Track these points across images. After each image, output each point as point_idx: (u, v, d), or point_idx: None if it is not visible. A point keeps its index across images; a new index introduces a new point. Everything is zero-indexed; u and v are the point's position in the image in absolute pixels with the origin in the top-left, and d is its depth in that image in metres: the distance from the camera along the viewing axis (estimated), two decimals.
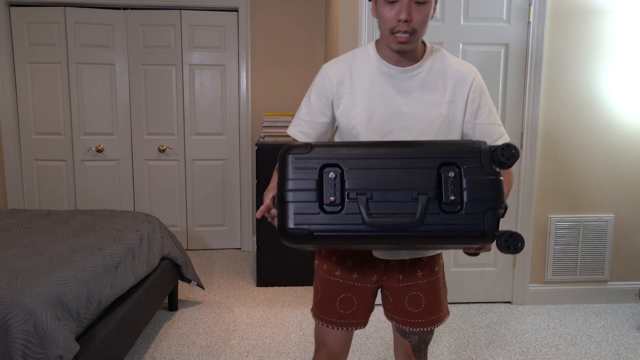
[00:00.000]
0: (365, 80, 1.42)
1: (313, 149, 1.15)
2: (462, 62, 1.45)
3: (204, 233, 4.47)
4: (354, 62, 1.44)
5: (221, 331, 2.88)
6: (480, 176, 1.13)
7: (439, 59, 1.43)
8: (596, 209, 3.25)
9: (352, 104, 1.43)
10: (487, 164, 1.14)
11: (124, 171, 4.31)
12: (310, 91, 1.49)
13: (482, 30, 3.06)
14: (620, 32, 3.11)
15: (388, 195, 1.13)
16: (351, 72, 1.43)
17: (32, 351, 1.68)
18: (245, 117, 4.29)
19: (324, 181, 1.13)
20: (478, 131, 1.45)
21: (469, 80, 1.42)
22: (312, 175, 1.14)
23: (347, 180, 1.13)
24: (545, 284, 3.30)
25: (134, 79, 4.21)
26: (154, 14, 4.15)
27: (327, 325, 1.53)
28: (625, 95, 3.16)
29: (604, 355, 2.64)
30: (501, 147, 1.14)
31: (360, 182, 1.13)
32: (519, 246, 1.12)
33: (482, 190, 1.12)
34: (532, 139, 3.14)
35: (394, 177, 1.13)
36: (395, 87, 1.41)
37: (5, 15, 3.99)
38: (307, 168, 1.14)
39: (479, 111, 1.43)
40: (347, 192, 1.13)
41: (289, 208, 1.13)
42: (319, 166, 1.14)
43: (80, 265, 2.07)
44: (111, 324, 2.10)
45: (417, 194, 1.12)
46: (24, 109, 4.15)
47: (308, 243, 1.14)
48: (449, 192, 1.12)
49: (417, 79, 1.40)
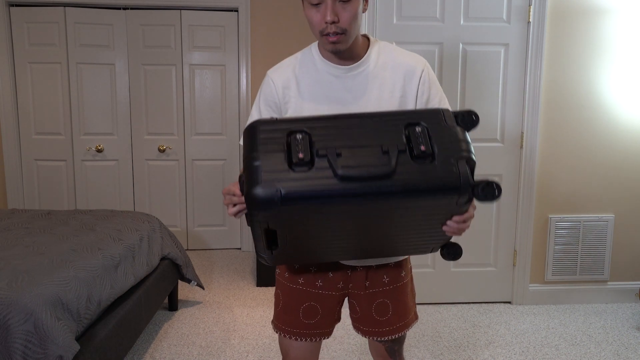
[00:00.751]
0: (311, 82, 1.38)
1: (277, 120, 1.12)
2: (410, 54, 1.42)
3: (204, 233, 4.47)
4: (297, 65, 1.41)
5: (221, 331, 2.88)
6: (446, 130, 1.12)
7: (385, 52, 1.40)
8: (596, 209, 3.25)
9: (299, 108, 1.39)
10: (451, 121, 1.14)
11: (124, 171, 4.31)
12: (259, 98, 1.45)
13: (482, 30, 3.06)
14: (621, 32, 3.11)
15: (358, 152, 1.08)
16: (296, 76, 1.40)
17: (32, 351, 1.68)
18: (245, 117, 4.29)
19: (292, 144, 1.08)
20: None
21: (417, 72, 1.38)
22: (280, 141, 1.09)
23: (315, 142, 1.09)
24: (545, 284, 3.30)
25: (134, 79, 4.21)
26: (154, 14, 4.15)
27: (289, 337, 1.47)
28: (625, 96, 3.16)
29: (604, 355, 2.64)
30: (462, 112, 1.14)
31: (328, 142, 1.09)
32: (495, 194, 1.10)
33: (451, 141, 1.11)
34: (532, 139, 3.14)
35: (362, 135, 1.10)
36: (342, 87, 1.37)
37: (5, 15, 3.99)
38: (274, 137, 1.09)
39: (429, 103, 1.40)
40: (316, 150, 1.08)
41: (257, 171, 1.06)
42: (285, 133, 1.10)
43: (80, 265, 2.07)
44: (111, 324, 2.10)
45: (387, 147, 1.09)
46: (24, 109, 4.15)
47: (277, 210, 1.06)
48: (419, 143, 1.09)
49: (363, 76, 1.37)
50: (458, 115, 1.15)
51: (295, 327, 1.47)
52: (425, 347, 2.70)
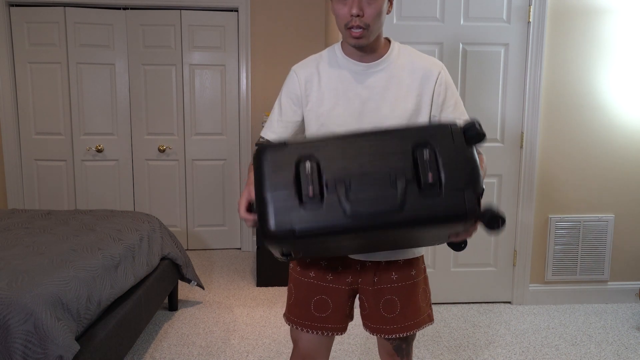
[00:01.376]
0: (332, 77, 1.45)
1: (286, 145, 1.14)
2: (428, 58, 1.47)
3: (204, 233, 4.47)
4: (321, 61, 1.48)
5: (221, 331, 2.88)
6: (455, 154, 1.12)
7: (404, 54, 1.46)
8: (596, 209, 3.25)
9: (320, 101, 1.45)
10: (460, 142, 1.13)
11: (124, 171, 4.31)
12: (281, 93, 1.52)
13: (482, 30, 3.06)
14: (621, 32, 3.11)
15: (366, 182, 1.11)
16: (319, 71, 1.46)
17: (32, 351, 1.68)
18: (245, 117, 4.29)
19: (301, 175, 1.11)
20: None
21: (434, 74, 1.43)
22: (289, 171, 1.12)
23: (324, 171, 1.11)
24: (545, 284, 3.30)
25: (134, 79, 4.21)
26: (154, 14, 4.15)
27: (301, 329, 1.52)
28: (625, 96, 3.16)
29: (604, 355, 2.64)
30: (466, 125, 1.15)
31: (336, 171, 1.11)
32: (499, 226, 1.12)
33: (459, 169, 1.11)
34: (532, 139, 3.14)
35: (369, 163, 1.12)
36: (361, 83, 1.43)
37: (5, 15, 3.99)
38: (283, 165, 1.12)
39: (444, 105, 1.45)
40: (325, 183, 1.11)
41: (269, 208, 1.11)
42: (294, 160, 1.12)
43: (80, 265, 2.07)
44: (111, 324, 2.10)
45: (394, 177, 1.11)
46: (24, 109, 4.15)
47: (292, 243, 1.12)
48: (427, 171, 1.11)
49: (382, 74, 1.42)
50: (467, 131, 1.15)
51: (306, 319, 1.51)
52: (425, 347, 2.70)
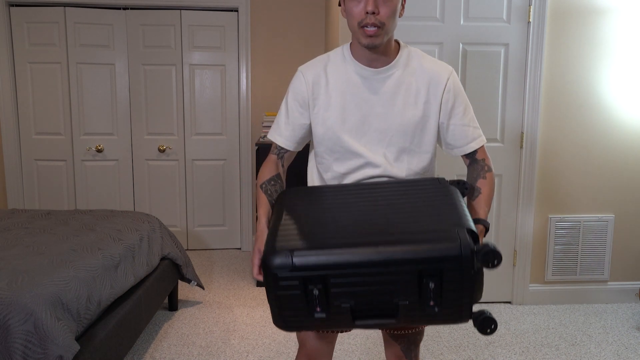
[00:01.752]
0: (340, 81, 1.43)
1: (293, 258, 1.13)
2: (437, 62, 1.45)
3: (204, 233, 4.47)
4: (329, 63, 1.45)
5: (221, 331, 2.88)
6: (460, 282, 1.13)
7: (413, 59, 1.44)
8: (596, 209, 3.25)
9: (327, 104, 1.43)
10: (468, 269, 1.12)
11: (124, 171, 4.31)
12: (288, 94, 1.49)
13: (482, 30, 3.06)
14: (621, 32, 3.11)
15: (371, 302, 1.15)
16: (326, 73, 1.44)
17: (32, 351, 1.68)
18: (245, 117, 4.29)
19: (308, 296, 1.14)
20: (451, 132, 1.44)
21: (443, 79, 1.42)
22: (296, 290, 1.14)
23: (332, 293, 1.14)
24: (545, 284, 3.30)
25: (134, 79, 4.21)
26: (154, 14, 4.15)
27: None
28: (625, 96, 3.16)
29: (604, 355, 2.64)
30: (484, 252, 1.12)
31: (343, 296, 1.14)
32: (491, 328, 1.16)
33: (461, 291, 1.14)
34: (532, 139, 3.14)
35: (376, 287, 1.14)
36: (369, 89, 1.41)
37: (5, 15, 3.99)
38: (291, 285, 1.13)
39: (453, 111, 1.43)
40: (331, 302, 1.14)
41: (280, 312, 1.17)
42: (302, 283, 1.13)
43: (80, 265, 2.07)
44: (111, 324, 2.10)
45: (398, 301, 1.14)
46: (24, 109, 4.15)
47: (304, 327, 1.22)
48: (429, 299, 1.14)
49: (390, 80, 1.41)
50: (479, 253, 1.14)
51: None
52: (425, 347, 2.70)
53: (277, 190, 1.48)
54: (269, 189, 1.47)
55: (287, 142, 1.50)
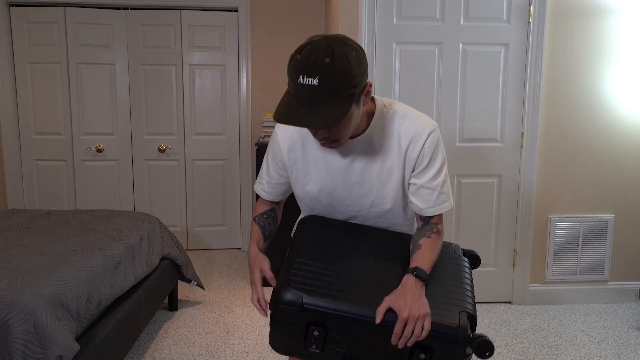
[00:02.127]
0: (314, 147, 1.39)
1: (304, 300, 1.20)
2: (419, 120, 1.36)
3: (204, 233, 4.47)
4: (305, 129, 1.39)
5: (221, 331, 2.88)
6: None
7: (391, 121, 1.36)
8: (596, 209, 3.25)
9: (304, 171, 1.41)
10: (460, 352, 1.19)
11: (124, 171, 4.31)
12: (267, 152, 1.49)
13: (482, 30, 3.06)
14: (621, 32, 3.11)
15: (363, 354, 1.23)
16: (302, 138, 1.40)
17: (32, 351, 1.68)
18: (245, 117, 4.29)
19: (308, 334, 1.22)
20: (417, 192, 1.38)
21: (421, 140, 1.34)
22: (299, 326, 1.22)
23: (329, 337, 1.22)
24: (545, 284, 3.30)
25: (134, 79, 4.21)
26: (154, 14, 4.15)
27: None
28: (624, 95, 3.16)
29: (604, 355, 2.64)
30: (479, 341, 1.19)
31: (340, 342, 1.22)
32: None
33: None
34: (532, 139, 3.14)
35: (370, 344, 1.21)
36: (344, 156, 1.36)
37: (5, 15, 3.99)
38: (295, 321, 1.21)
39: (424, 172, 1.37)
40: (327, 344, 1.23)
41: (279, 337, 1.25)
42: (305, 323, 1.21)
43: (80, 265, 2.07)
44: (111, 324, 2.10)
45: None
46: (24, 109, 4.15)
47: None
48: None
49: (365, 146, 1.35)
50: (473, 342, 1.20)
51: None
52: None
53: (270, 223, 1.52)
54: (262, 222, 1.52)
55: (271, 197, 1.54)
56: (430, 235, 1.37)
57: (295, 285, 1.21)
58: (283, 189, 1.52)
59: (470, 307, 1.25)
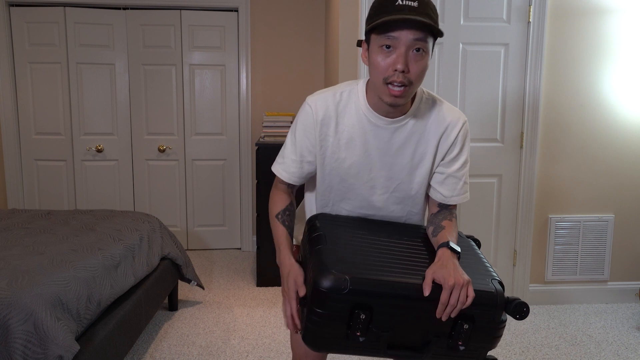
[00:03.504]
0: (350, 125, 1.36)
1: (350, 287, 1.17)
2: (452, 111, 1.39)
3: (204, 233, 4.47)
4: (341, 103, 1.36)
5: (221, 331, 2.88)
6: (489, 330, 1.24)
7: (429, 108, 1.38)
8: (596, 209, 3.25)
9: (334, 146, 1.38)
10: (498, 317, 1.24)
11: (124, 171, 4.31)
12: (296, 127, 1.42)
13: (482, 30, 3.06)
14: (621, 32, 3.11)
15: (406, 334, 1.23)
16: (337, 114, 1.36)
17: (32, 351, 1.68)
18: (245, 117, 4.29)
19: (353, 320, 1.19)
20: (443, 180, 1.41)
21: (455, 131, 1.38)
22: (343, 312, 1.18)
23: (375, 321, 1.20)
24: (545, 284, 3.30)
25: (134, 79, 4.21)
26: (154, 14, 4.15)
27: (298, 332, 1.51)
28: (624, 95, 3.16)
29: (604, 355, 2.64)
30: (516, 303, 1.24)
31: (385, 324, 1.21)
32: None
33: (486, 340, 1.25)
34: (532, 139, 3.14)
35: (415, 321, 1.22)
36: (379, 138, 1.36)
37: (5, 15, 3.99)
38: (339, 307, 1.17)
39: (453, 161, 1.40)
40: (371, 329, 1.20)
41: (315, 330, 1.21)
42: (350, 306, 1.18)
43: (80, 265, 2.07)
44: (111, 324, 2.10)
45: (431, 337, 1.23)
46: (24, 109, 4.15)
47: None
48: (459, 339, 1.23)
49: (403, 131, 1.36)
50: (509, 305, 1.25)
51: None
52: None
53: (292, 220, 1.46)
54: (285, 220, 1.44)
55: (293, 178, 1.46)
56: (451, 219, 1.41)
57: (336, 270, 1.17)
58: (309, 169, 1.44)
59: (496, 275, 1.30)
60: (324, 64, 4.29)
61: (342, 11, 3.07)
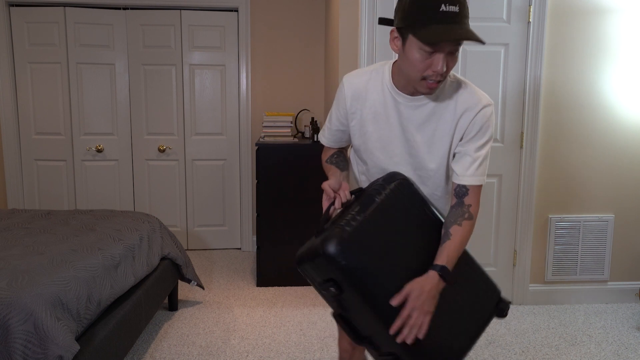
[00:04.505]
0: (376, 101, 1.47)
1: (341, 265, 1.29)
2: (476, 94, 1.43)
3: (204, 233, 4.47)
4: (371, 82, 1.48)
5: (221, 331, 2.88)
6: None
7: (451, 89, 1.43)
8: (596, 209, 3.25)
9: (363, 120, 1.50)
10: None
11: (124, 171, 4.31)
12: (334, 101, 1.58)
13: (482, 30, 3.06)
14: (621, 31, 3.11)
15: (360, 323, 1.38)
16: (367, 90, 1.48)
17: (32, 351, 1.68)
18: (245, 117, 4.29)
19: (325, 283, 1.33)
20: (457, 157, 1.46)
21: (474, 112, 1.41)
22: (322, 274, 1.34)
23: (340, 300, 1.37)
24: (545, 284, 3.30)
25: (134, 79, 4.21)
26: (154, 14, 4.15)
27: None
28: (624, 95, 3.16)
29: (604, 355, 2.64)
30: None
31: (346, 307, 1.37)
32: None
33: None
34: (532, 139, 3.14)
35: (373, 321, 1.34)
36: (401, 114, 1.44)
37: (5, 15, 3.99)
38: (322, 267, 1.32)
39: (471, 141, 1.43)
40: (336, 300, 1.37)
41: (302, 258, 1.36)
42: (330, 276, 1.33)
43: (80, 265, 2.07)
44: (111, 324, 2.10)
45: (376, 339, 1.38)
46: (24, 109, 4.15)
47: None
48: None
49: (424, 109, 1.43)
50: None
51: None
52: None
53: (342, 160, 1.62)
54: (333, 160, 1.62)
55: (330, 143, 1.65)
56: (462, 223, 1.40)
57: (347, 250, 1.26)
58: (341, 136, 1.61)
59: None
60: (324, 64, 4.29)
61: (342, 11, 3.07)
